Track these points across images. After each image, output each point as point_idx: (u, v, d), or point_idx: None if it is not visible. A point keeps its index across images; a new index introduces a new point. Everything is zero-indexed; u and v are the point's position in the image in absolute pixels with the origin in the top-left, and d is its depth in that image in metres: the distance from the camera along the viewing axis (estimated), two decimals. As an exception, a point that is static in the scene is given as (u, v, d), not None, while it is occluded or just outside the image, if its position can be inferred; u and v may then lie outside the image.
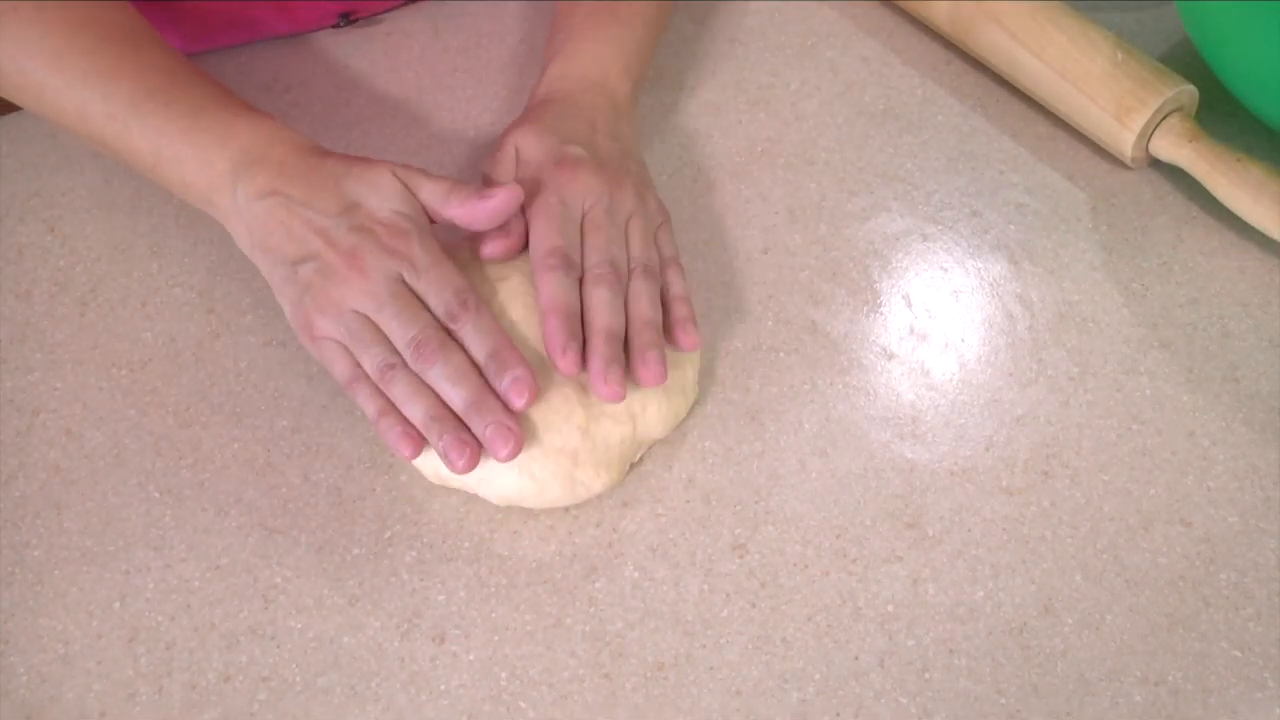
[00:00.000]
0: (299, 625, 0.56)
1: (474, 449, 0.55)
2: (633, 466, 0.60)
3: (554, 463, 0.57)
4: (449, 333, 0.57)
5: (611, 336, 0.58)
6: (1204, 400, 0.63)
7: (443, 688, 0.54)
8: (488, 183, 0.64)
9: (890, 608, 0.56)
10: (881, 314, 0.66)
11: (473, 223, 0.60)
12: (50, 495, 0.60)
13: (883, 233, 0.69)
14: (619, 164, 0.64)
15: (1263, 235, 0.67)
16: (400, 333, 0.56)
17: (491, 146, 0.66)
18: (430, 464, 0.58)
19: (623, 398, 0.56)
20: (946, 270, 0.68)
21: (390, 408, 0.57)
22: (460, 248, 0.63)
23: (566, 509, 0.59)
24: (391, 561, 0.58)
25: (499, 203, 0.59)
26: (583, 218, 0.61)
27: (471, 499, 0.59)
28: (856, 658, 0.55)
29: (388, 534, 0.58)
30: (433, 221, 0.60)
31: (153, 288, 0.67)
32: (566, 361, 0.56)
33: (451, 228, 0.60)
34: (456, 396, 0.56)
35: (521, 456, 0.56)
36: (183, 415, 0.62)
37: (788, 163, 0.72)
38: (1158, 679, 0.54)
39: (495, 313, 0.59)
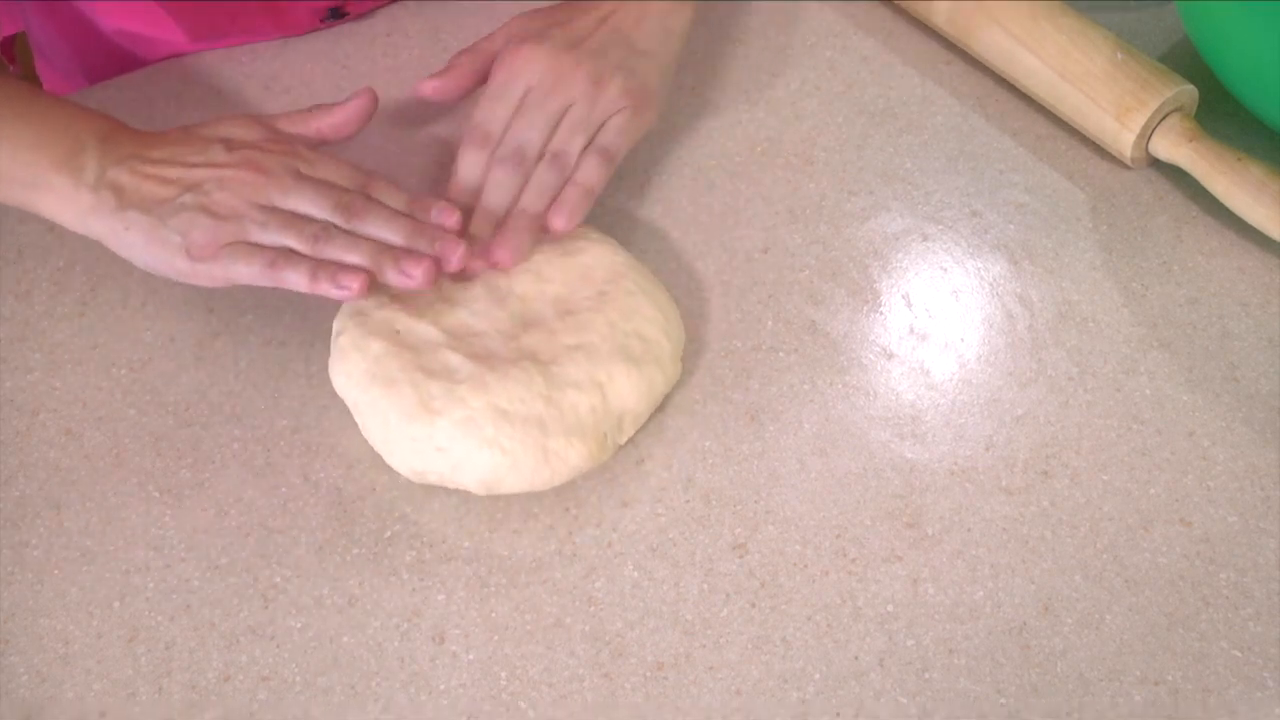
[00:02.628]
0: (299, 625, 0.56)
1: (429, 260, 0.58)
2: (620, 447, 0.60)
3: (521, 432, 0.57)
4: None
5: (486, 216, 0.62)
6: (1204, 400, 0.63)
7: (443, 687, 0.54)
8: (464, 52, 0.68)
9: (890, 608, 0.56)
10: (881, 314, 0.66)
11: (342, 126, 0.64)
12: (50, 495, 0.60)
13: (883, 233, 0.69)
14: (597, 50, 0.65)
15: (1263, 235, 0.67)
16: (321, 202, 0.59)
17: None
18: (406, 460, 0.58)
19: (475, 270, 0.60)
20: (946, 270, 0.68)
21: (323, 264, 0.57)
22: None
23: (566, 509, 0.59)
24: (391, 561, 0.58)
25: (358, 104, 0.64)
26: (522, 97, 0.64)
27: (470, 498, 0.59)
28: (856, 658, 0.55)
29: (388, 534, 0.58)
30: None
31: (153, 288, 0.67)
32: (449, 222, 0.60)
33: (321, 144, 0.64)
34: (395, 233, 0.59)
35: (489, 430, 0.56)
36: (183, 415, 0.62)
37: (788, 163, 0.72)
38: (1158, 679, 0.54)
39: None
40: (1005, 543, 0.58)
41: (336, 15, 0.78)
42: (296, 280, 0.57)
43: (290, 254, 0.57)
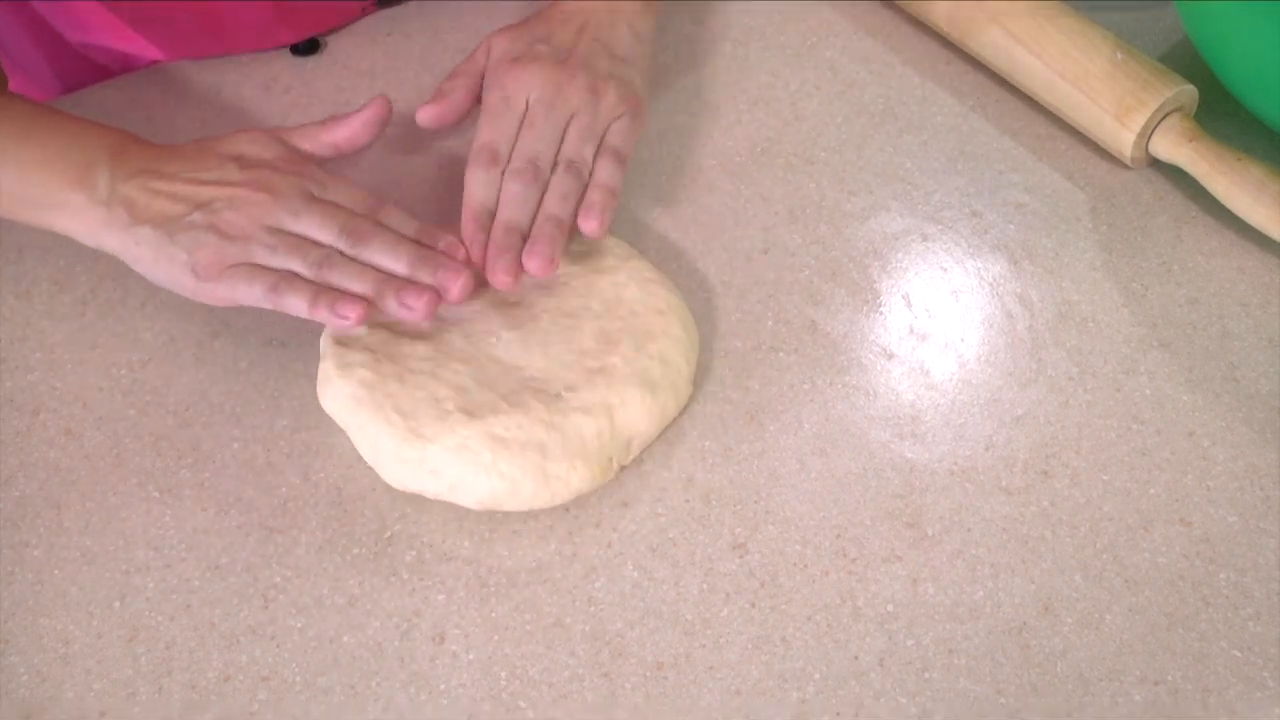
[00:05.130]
0: (299, 625, 0.56)
1: (430, 292, 0.58)
2: (624, 468, 0.60)
3: (520, 457, 0.56)
4: None
5: (510, 229, 0.60)
6: (1204, 400, 0.63)
7: (443, 687, 0.54)
8: (452, 77, 0.68)
9: (890, 608, 0.56)
10: (881, 314, 0.66)
11: (354, 138, 0.64)
12: (50, 495, 0.60)
13: (883, 233, 0.69)
14: (585, 61, 0.65)
15: (1263, 235, 0.67)
16: (328, 226, 0.59)
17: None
18: (399, 478, 0.58)
19: (509, 286, 0.59)
20: (946, 270, 0.68)
21: (323, 290, 0.57)
22: None
23: (566, 509, 0.59)
24: (391, 561, 0.58)
25: (371, 112, 0.64)
26: (525, 113, 0.64)
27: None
28: (856, 658, 0.55)
29: (388, 534, 0.58)
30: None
31: (153, 288, 0.66)
32: (475, 250, 0.60)
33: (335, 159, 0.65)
34: (399, 261, 0.59)
35: (487, 456, 0.56)
36: (183, 415, 0.62)
37: (788, 163, 0.72)
38: (1157, 679, 0.54)
39: None
40: (1005, 543, 0.58)
41: (307, 51, 0.78)
42: (297, 305, 0.57)
43: (293, 278, 0.58)
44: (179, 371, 0.64)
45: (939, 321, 0.66)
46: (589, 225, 0.62)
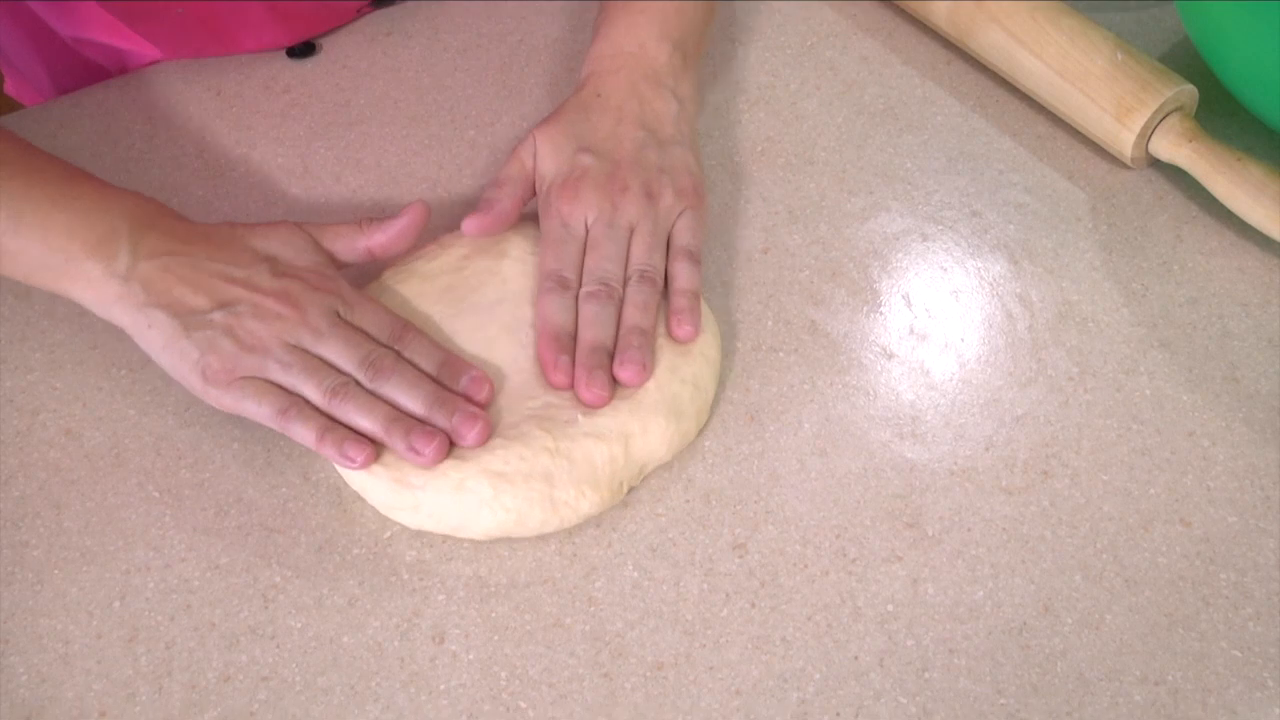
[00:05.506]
0: (299, 625, 0.56)
1: (441, 437, 0.56)
2: (633, 489, 0.59)
3: (524, 488, 0.56)
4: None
5: (595, 349, 0.59)
6: (1204, 400, 0.63)
7: (443, 688, 0.54)
8: (498, 185, 0.65)
9: (890, 607, 0.56)
10: (881, 314, 0.66)
11: (389, 245, 0.62)
12: (50, 495, 0.60)
13: (883, 233, 0.69)
14: (635, 162, 0.64)
15: (1263, 235, 0.67)
16: (350, 354, 0.57)
17: (494, 146, 0.66)
18: (397, 516, 0.58)
19: (605, 401, 0.58)
20: (946, 270, 0.68)
21: (332, 426, 0.56)
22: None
23: (566, 509, 0.59)
24: (391, 561, 0.58)
25: (409, 219, 0.62)
26: (585, 235, 0.63)
27: (471, 499, 0.59)
28: (856, 658, 0.55)
29: (387, 534, 0.58)
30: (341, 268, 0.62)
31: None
32: (557, 376, 0.59)
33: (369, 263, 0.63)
34: (416, 400, 0.57)
35: (489, 492, 0.56)
36: (183, 415, 0.62)
37: (788, 163, 0.72)
38: (1157, 679, 0.54)
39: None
40: (1005, 543, 0.58)
41: (300, 54, 0.78)
42: (304, 436, 0.56)
43: (303, 405, 0.56)
44: (179, 371, 0.64)
45: (939, 321, 0.66)
46: (683, 331, 0.61)
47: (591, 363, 0.59)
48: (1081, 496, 0.59)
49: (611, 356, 0.59)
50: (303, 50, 0.77)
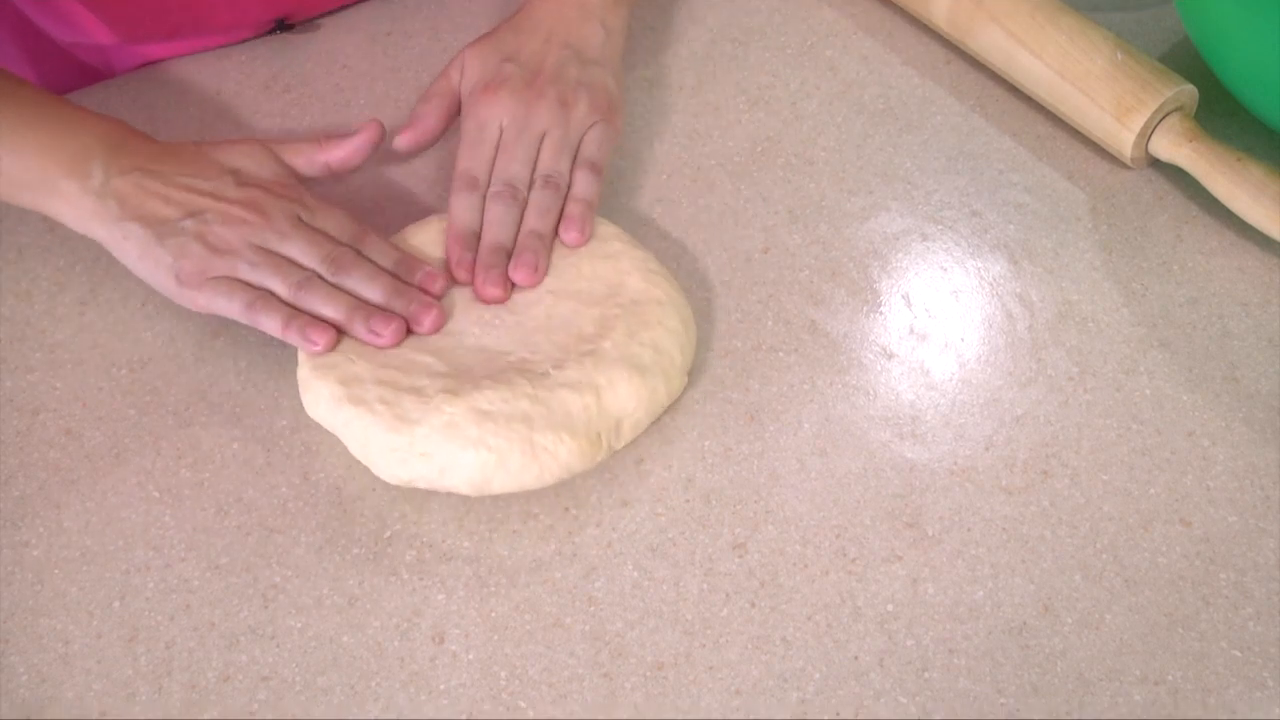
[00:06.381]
0: (299, 625, 0.56)
1: (398, 321, 0.60)
2: (616, 452, 0.60)
3: (506, 429, 0.57)
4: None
5: (495, 249, 0.63)
6: (1204, 400, 0.63)
7: (442, 687, 0.54)
8: (425, 99, 0.69)
9: (890, 607, 0.56)
10: (881, 314, 0.66)
11: (346, 160, 0.65)
12: (50, 495, 0.60)
13: (883, 233, 0.69)
14: (554, 74, 0.67)
15: (1263, 235, 0.67)
16: (312, 252, 0.61)
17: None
18: (391, 470, 0.58)
19: (500, 298, 0.62)
20: (946, 270, 0.68)
21: (296, 314, 0.59)
22: None
23: (566, 508, 0.59)
24: (391, 561, 0.58)
25: (366, 135, 0.66)
26: (499, 137, 0.66)
27: (469, 498, 0.59)
28: (856, 657, 0.55)
29: (388, 534, 0.58)
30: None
31: (153, 288, 0.67)
32: (460, 273, 0.62)
33: (325, 177, 0.67)
34: (375, 290, 0.61)
35: (473, 430, 0.56)
36: (183, 415, 0.62)
37: (788, 163, 0.72)
38: (1157, 679, 0.54)
39: None
40: (1005, 543, 0.58)
41: (284, 27, 0.78)
42: (270, 325, 0.59)
43: (269, 298, 0.60)
44: (179, 371, 0.64)
45: (939, 321, 0.66)
46: (569, 236, 0.64)
47: (490, 262, 0.62)
48: (1081, 496, 0.59)
49: (509, 256, 0.63)
50: (281, 25, 0.78)
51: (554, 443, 0.57)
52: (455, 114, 0.69)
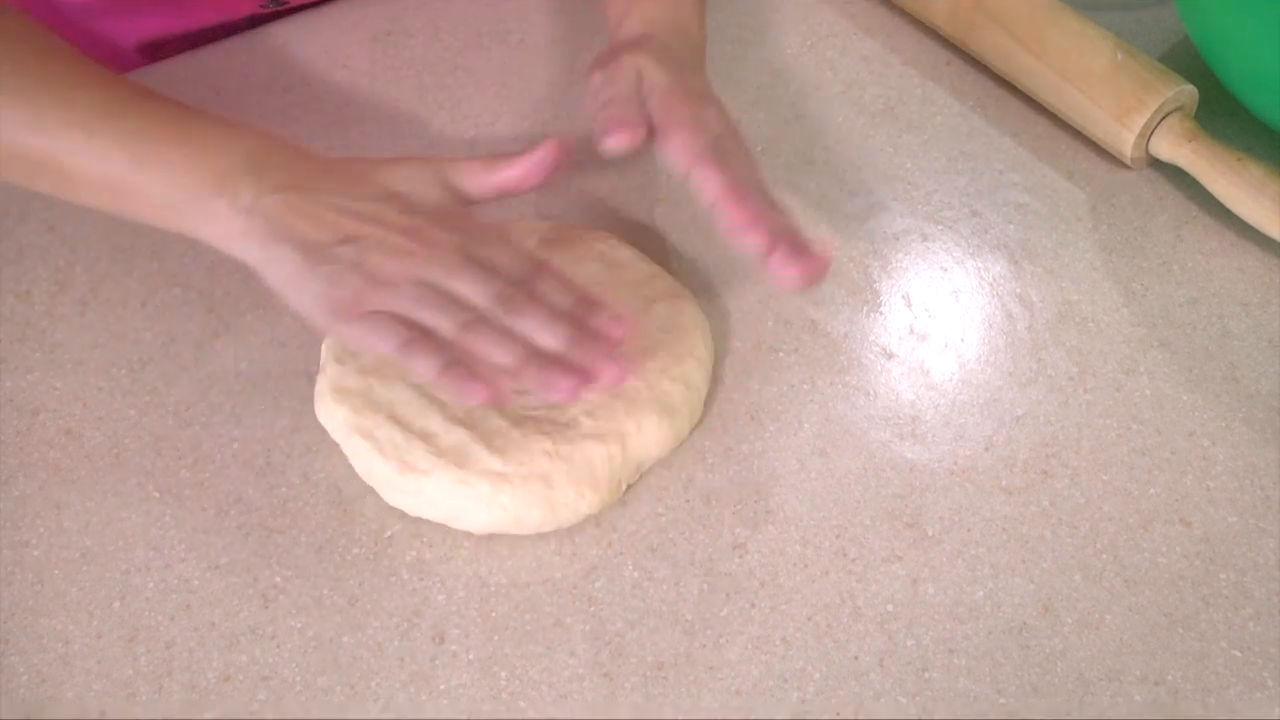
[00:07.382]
0: (299, 625, 0.56)
1: (581, 373, 0.54)
2: (630, 487, 0.59)
3: (523, 490, 0.56)
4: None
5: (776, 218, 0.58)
6: (1204, 400, 0.63)
7: (443, 687, 0.54)
8: (622, 103, 0.61)
9: (890, 607, 0.56)
10: (881, 314, 0.66)
11: (522, 181, 0.58)
12: (50, 495, 0.60)
13: (883, 233, 0.69)
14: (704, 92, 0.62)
15: (1263, 235, 0.67)
16: (483, 290, 0.54)
17: (493, 146, 0.65)
18: (396, 499, 0.58)
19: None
20: (946, 270, 0.68)
21: (456, 361, 0.54)
22: None
23: (566, 509, 0.59)
24: (391, 561, 0.58)
25: (544, 154, 0.58)
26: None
27: (471, 499, 0.59)
28: (856, 658, 0.55)
29: (388, 534, 0.58)
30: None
31: (153, 288, 0.67)
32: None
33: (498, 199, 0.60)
34: (553, 337, 0.54)
35: (487, 490, 0.56)
36: (183, 415, 0.62)
37: (788, 163, 0.72)
38: (1157, 679, 0.54)
39: None
40: (1005, 543, 0.58)
41: (276, 3, 0.77)
42: (425, 370, 0.54)
43: (428, 336, 0.54)
44: (179, 371, 0.64)
45: (939, 321, 0.66)
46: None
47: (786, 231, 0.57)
48: (1081, 496, 0.59)
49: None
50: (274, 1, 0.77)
51: (574, 499, 0.57)
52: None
